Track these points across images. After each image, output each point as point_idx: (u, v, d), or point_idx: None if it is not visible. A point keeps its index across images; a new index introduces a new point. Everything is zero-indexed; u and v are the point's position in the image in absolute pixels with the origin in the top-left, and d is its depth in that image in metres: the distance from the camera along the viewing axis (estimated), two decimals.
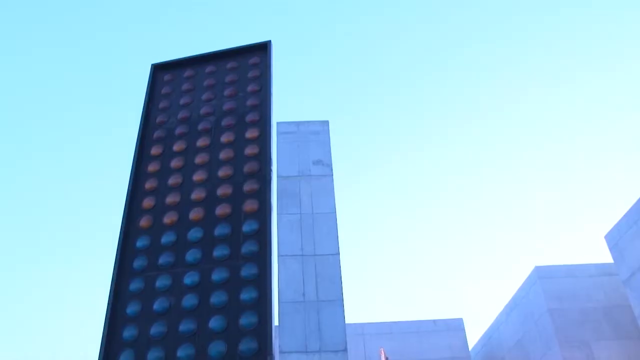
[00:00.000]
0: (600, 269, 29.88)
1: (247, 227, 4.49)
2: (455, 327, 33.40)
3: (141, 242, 4.73)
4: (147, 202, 4.96)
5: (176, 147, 5.26)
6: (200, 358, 4.01)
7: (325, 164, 6.27)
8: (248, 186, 4.73)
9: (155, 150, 5.31)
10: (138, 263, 4.62)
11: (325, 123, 8.52)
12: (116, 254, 4.70)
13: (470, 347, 34.17)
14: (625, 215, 26.19)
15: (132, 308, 4.41)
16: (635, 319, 25.96)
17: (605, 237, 27.26)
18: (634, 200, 25.67)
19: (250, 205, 4.60)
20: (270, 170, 4.81)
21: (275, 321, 4.19)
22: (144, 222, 4.84)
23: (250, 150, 4.97)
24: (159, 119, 5.57)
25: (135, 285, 4.52)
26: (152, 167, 5.20)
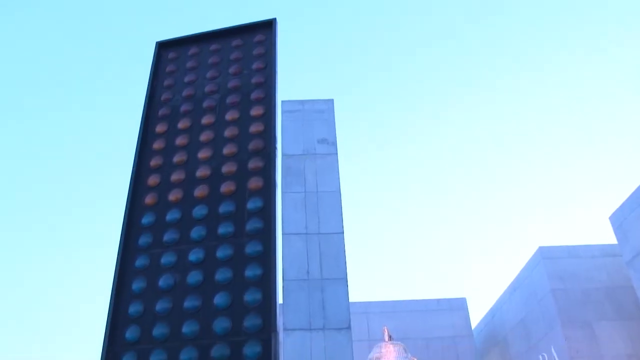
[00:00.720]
0: (604, 250, 29.90)
1: (252, 204, 4.50)
2: (459, 306, 33.55)
3: (146, 219, 4.75)
4: (152, 180, 4.96)
5: (181, 124, 5.26)
6: (205, 334, 4.05)
7: (330, 143, 6.26)
8: (253, 164, 4.73)
9: (160, 128, 5.31)
10: (143, 240, 4.64)
11: (330, 101, 8.48)
12: (121, 231, 4.73)
13: (473, 326, 34.37)
14: (630, 197, 26.12)
15: (137, 284, 4.45)
16: (637, 300, 26.01)
17: (610, 218, 27.24)
18: (639, 182, 25.58)
19: (254, 183, 4.60)
20: (275, 148, 4.80)
21: (280, 299, 4.21)
22: (149, 199, 4.85)
23: (255, 127, 4.96)
24: (163, 97, 5.55)
25: (140, 262, 4.54)
26: (157, 145, 5.20)
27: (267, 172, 4.66)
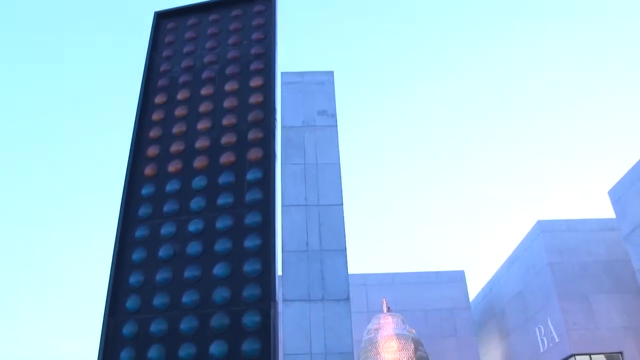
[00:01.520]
0: (602, 224, 30.01)
1: (251, 175, 4.49)
2: (457, 279, 33.83)
3: (146, 190, 4.75)
4: (152, 151, 4.95)
5: (180, 95, 5.22)
6: (205, 304, 4.08)
7: (329, 115, 6.23)
8: (252, 135, 4.71)
9: (159, 99, 5.28)
10: (143, 211, 4.65)
11: (330, 73, 8.42)
12: (121, 202, 4.73)
13: (471, 299, 34.68)
14: (629, 172, 26.13)
15: (137, 255, 4.46)
16: (634, 274, 26.19)
17: (609, 192, 27.28)
18: (639, 157, 25.55)
19: (254, 154, 4.59)
20: (274, 119, 4.78)
21: (279, 270, 4.24)
22: (148, 170, 4.85)
23: (254, 98, 4.93)
24: (162, 68, 5.51)
25: (140, 232, 4.56)
26: (156, 116, 5.17)
27: (267, 143, 4.64)
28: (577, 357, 26.97)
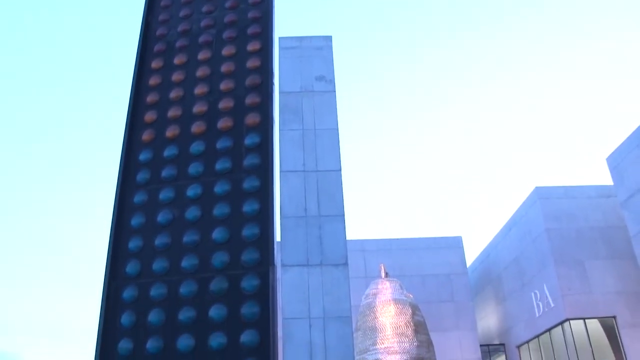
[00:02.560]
0: (599, 190, 30.15)
1: (249, 140, 4.48)
2: (454, 244, 34.11)
3: (144, 156, 4.73)
4: (149, 116, 4.92)
5: (177, 60, 5.17)
6: (204, 268, 4.11)
7: (327, 80, 6.18)
8: (250, 99, 4.68)
9: (155, 64, 5.22)
10: (141, 176, 4.64)
11: (329, 38, 8.32)
12: (119, 168, 4.73)
13: (468, 264, 35.02)
14: (627, 139, 26.12)
15: (136, 220, 4.48)
16: (629, 240, 26.41)
17: (607, 159, 27.32)
18: (637, 124, 25.48)
19: (252, 119, 4.56)
20: (272, 83, 4.74)
21: (278, 236, 4.26)
22: (146, 135, 4.82)
23: (251, 63, 4.88)
24: (159, 32, 5.44)
25: (138, 197, 4.56)
26: (152, 81, 5.13)
27: (264, 108, 4.61)
28: (571, 321, 27.39)
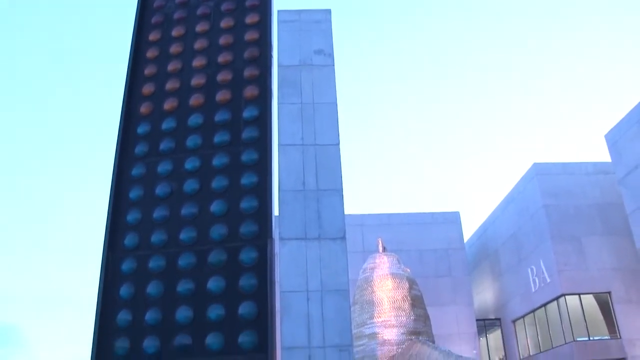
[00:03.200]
0: (597, 167, 30.17)
1: (248, 113, 4.46)
2: (452, 220, 34.20)
3: (142, 129, 4.72)
4: (147, 89, 4.90)
5: (175, 32, 5.13)
6: (202, 240, 4.13)
7: (326, 54, 6.14)
8: (248, 72, 4.65)
9: (153, 36, 5.18)
10: (139, 149, 4.64)
11: (328, 12, 8.24)
12: (117, 141, 4.71)
13: (465, 240, 35.19)
14: (626, 116, 26.06)
15: (134, 193, 4.48)
16: (626, 217, 26.51)
17: (605, 136, 27.28)
18: (636, 101, 25.41)
19: (250, 92, 4.54)
20: (270, 56, 4.71)
21: (276, 211, 4.28)
22: (144, 108, 4.81)
23: (250, 35, 4.84)
24: (157, 4, 5.38)
25: (137, 170, 4.56)
26: (150, 53, 5.09)
27: (263, 81, 4.59)
28: (567, 296, 27.62)
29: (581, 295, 27.65)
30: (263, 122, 4.41)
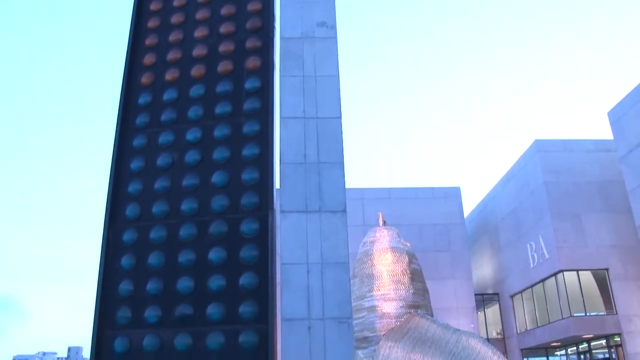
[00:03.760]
0: (599, 144, 30.11)
1: (249, 84, 4.44)
2: (453, 195, 34.24)
3: (143, 99, 4.70)
4: (148, 59, 4.86)
5: (176, 2, 5.07)
6: (203, 211, 4.14)
7: (329, 26, 6.08)
8: (250, 43, 4.61)
9: (154, 6, 5.12)
10: (140, 119, 4.62)
11: None
12: (118, 111, 4.69)
13: (465, 215, 35.28)
14: (630, 93, 25.90)
15: (135, 164, 4.48)
16: (626, 194, 26.54)
17: (608, 113, 27.16)
18: None
19: (252, 62, 4.51)
20: (273, 27, 4.67)
21: (277, 184, 4.29)
22: (145, 78, 4.78)
23: (252, 6, 4.79)
24: None
25: (138, 141, 4.55)
26: (152, 23, 5.04)
27: (265, 52, 4.55)
28: (565, 272, 27.80)
29: (579, 272, 27.82)
30: (265, 93, 4.39)
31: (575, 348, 29.87)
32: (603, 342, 27.88)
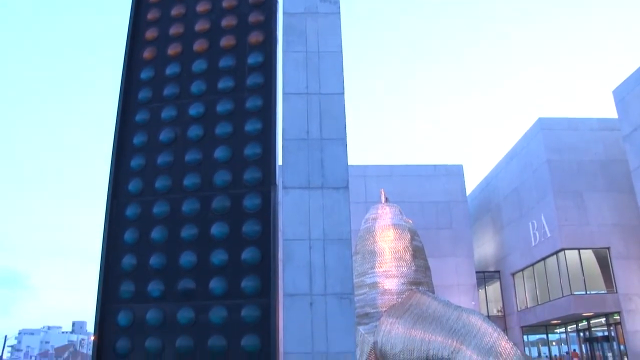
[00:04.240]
0: (602, 123, 29.98)
1: (252, 59, 4.41)
2: (455, 172, 34.24)
3: (145, 74, 4.67)
4: (150, 33, 4.83)
5: None
6: (206, 187, 4.14)
7: (332, 1, 6.01)
8: (253, 17, 4.57)
9: None
10: (143, 94, 4.60)
11: None
12: (121, 86, 4.67)
13: (467, 193, 35.31)
14: (635, 72, 25.69)
15: (138, 139, 4.47)
16: (629, 173, 26.50)
17: (613, 92, 26.98)
18: None
19: (255, 37, 4.47)
20: (276, 1, 4.62)
21: (279, 159, 4.29)
22: (147, 53, 4.75)
23: None
24: None
25: (140, 116, 4.53)
26: None
27: (268, 26, 4.52)
28: (566, 251, 27.89)
29: (580, 250, 27.91)
30: (268, 68, 4.36)
31: (574, 326, 30.10)
32: (603, 320, 28.07)
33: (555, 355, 31.89)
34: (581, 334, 30.33)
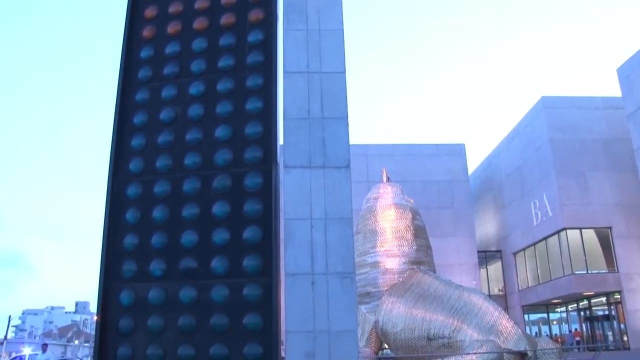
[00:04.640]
0: (606, 102, 29.85)
1: (253, 37, 4.36)
2: (457, 152, 34.22)
3: (145, 53, 4.63)
4: (150, 12, 4.78)
5: None
6: (207, 165, 4.13)
7: None
8: None
9: None
10: (143, 73, 4.56)
11: None
12: (120, 65, 4.64)
13: (469, 172, 35.32)
14: (639, 50, 25.53)
15: (138, 118, 4.44)
16: (632, 153, 26.44)
17: (617, 70, 26.81)
18: None
19: (255, 15, 4.43)
20: None
21: (280, 139, 4.27)
22: (147, 32, 4.70)
23: None
24: None
25: (141, 95, 4.50)
26: None
27: (268, 4, 4.46)
28: (568, 230, 27.95)
29: (582, 230, 27.96)
30: (268, 46, 4.32)
31: (575, 305, 30.27)
32: (603, 299, 28.23)
33: (556, 334, 32.12)
34: (582, 313, 30.50)
